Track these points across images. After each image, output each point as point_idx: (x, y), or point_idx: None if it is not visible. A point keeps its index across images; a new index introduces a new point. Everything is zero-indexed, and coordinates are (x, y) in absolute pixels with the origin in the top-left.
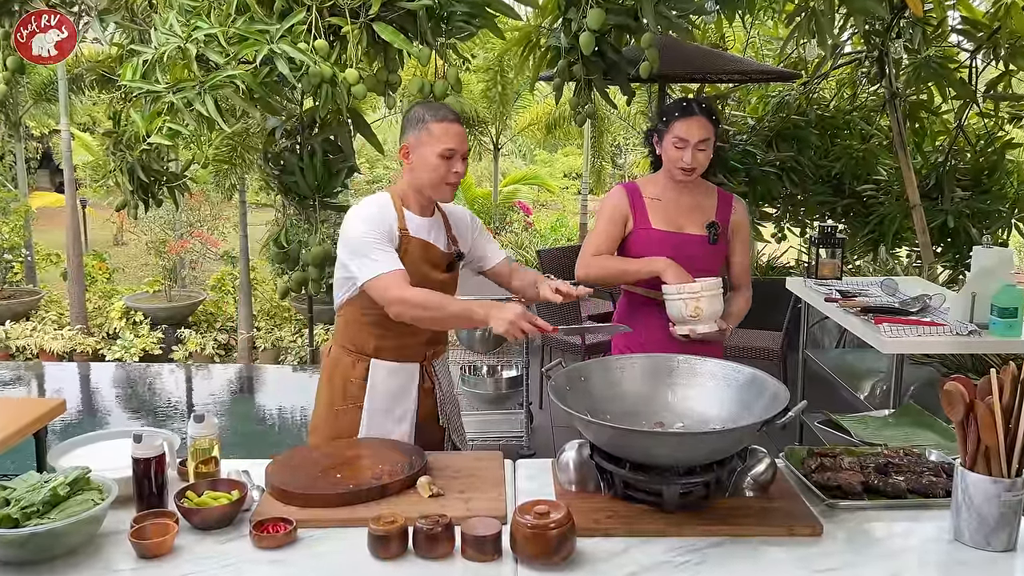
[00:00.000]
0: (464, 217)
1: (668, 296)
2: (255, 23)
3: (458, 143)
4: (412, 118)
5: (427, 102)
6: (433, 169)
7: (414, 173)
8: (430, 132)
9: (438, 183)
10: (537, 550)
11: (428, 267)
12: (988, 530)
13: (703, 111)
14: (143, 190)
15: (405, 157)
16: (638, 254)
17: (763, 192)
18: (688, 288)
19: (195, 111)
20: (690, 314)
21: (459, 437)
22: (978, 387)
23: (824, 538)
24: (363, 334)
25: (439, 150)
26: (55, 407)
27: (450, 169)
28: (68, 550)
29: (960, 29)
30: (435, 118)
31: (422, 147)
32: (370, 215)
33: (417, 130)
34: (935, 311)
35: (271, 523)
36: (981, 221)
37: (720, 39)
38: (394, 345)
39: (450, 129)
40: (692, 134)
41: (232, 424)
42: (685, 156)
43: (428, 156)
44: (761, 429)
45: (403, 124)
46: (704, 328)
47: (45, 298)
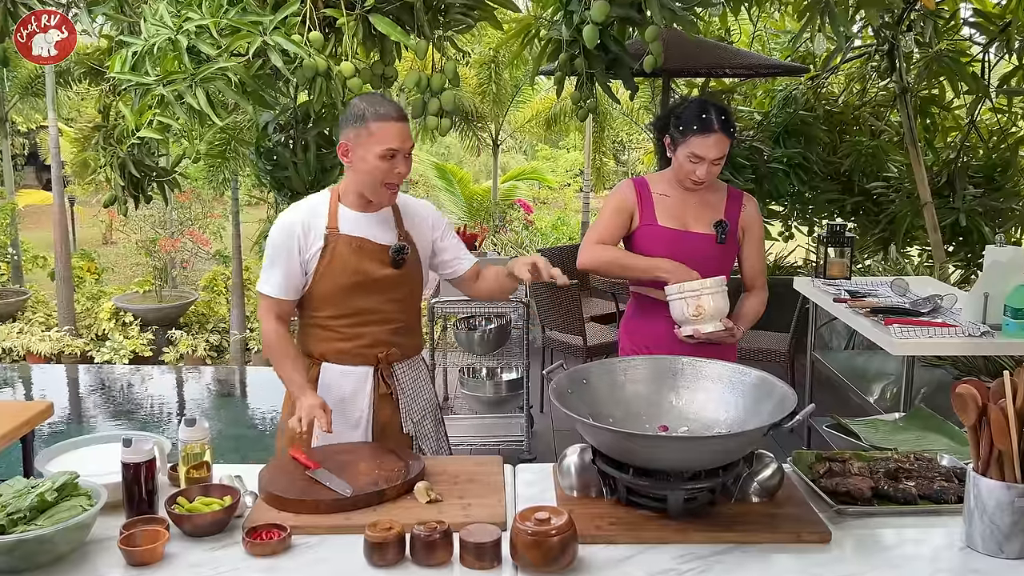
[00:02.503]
0: (422, 212)
1: (669, 296)
2: (248, 14)
3: (400, 142)
4: (351, 114)
5: (368, 95)
6: (372, 170)
7: (354, 174)
8: (369, 131)
9: (377, 185)
10: (538, 558)
11: (366, 263)
12: (1001, 537)
13: (723, 127)
14: (133, 185)
15: (344, 156)
16: (642, 251)
17: (770, 190)
18: (688, 287)
19: (186, 104)
20: (692, 313)
21: (432, 445)
22: (991, 390)
23: (833, 545)
24: (310, 337)
25: (379, 151)
26: (42, 411)
27: (392, 169)
28: (56, 557)
29: (972, 22)
30: (376, 116)
31: (360, 147)
32: (284, 224)
33: (356, 127)
34: (947, 312)
35: (264, 530)
36: (994, 219)
37: (726, 32)
38: (338, 349)
39: (392, 129)
40: (709, 153)
41: (224, 428)
42: (699, 171)
43: (367, 156)
44: (768, 433)
45: (342, 119)
46: (709, 328)
47: (32, 299)
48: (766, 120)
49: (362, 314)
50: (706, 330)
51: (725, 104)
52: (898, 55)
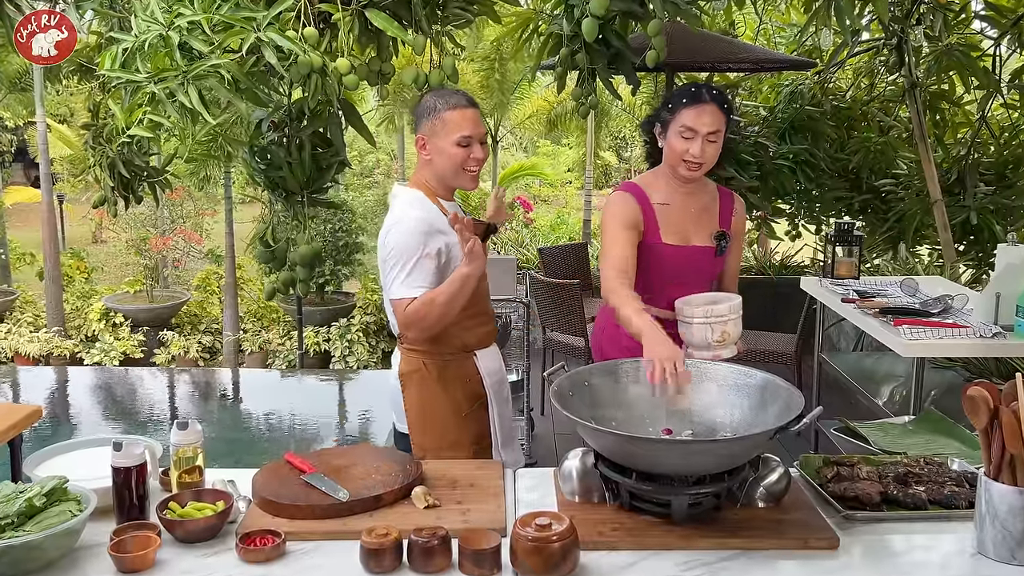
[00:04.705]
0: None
1: (692, 320)
2: (241, 10)
3: (474, 128)
4: (424, 108)
5: (438, 90)
6: (451, 158)
7: (433, 164)
8: (443, 121)
9: (458, 171)
10: (538, 564)
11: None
12: (1013, 543)
13: (715, 98)
14: (123, 186)
15: (422, 149)
16: (644, 267)
17: (776, 187)
18: (716, 312)
19: (178, 102)
20: (716, 339)
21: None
22: (1003, 392)
23: (841, 552)
24: (453, 333)
25: (455, 138)
26: (31, 413)
27: (469, 155)
28: (44, 564)
29: (984, 15)
30: (447, 106)
31: (437, 137)
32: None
33: (430, 120)
34: (957, 312)
35: (258, 536)
36: (1005, 217)
37: (730, 26)
38: (482, 334)
39: (464, 115)
40: (702, 123)
41: (217, 431)
42: (693, 148)
43: (445, 146)
44: (774, 437)
45: (416, 115)
46: (728, 353)
47: (20, 299)
48: (772, 116)
49: (483, 294)
50: (725, 356)
51: (719, 86)
52: (907, 49)
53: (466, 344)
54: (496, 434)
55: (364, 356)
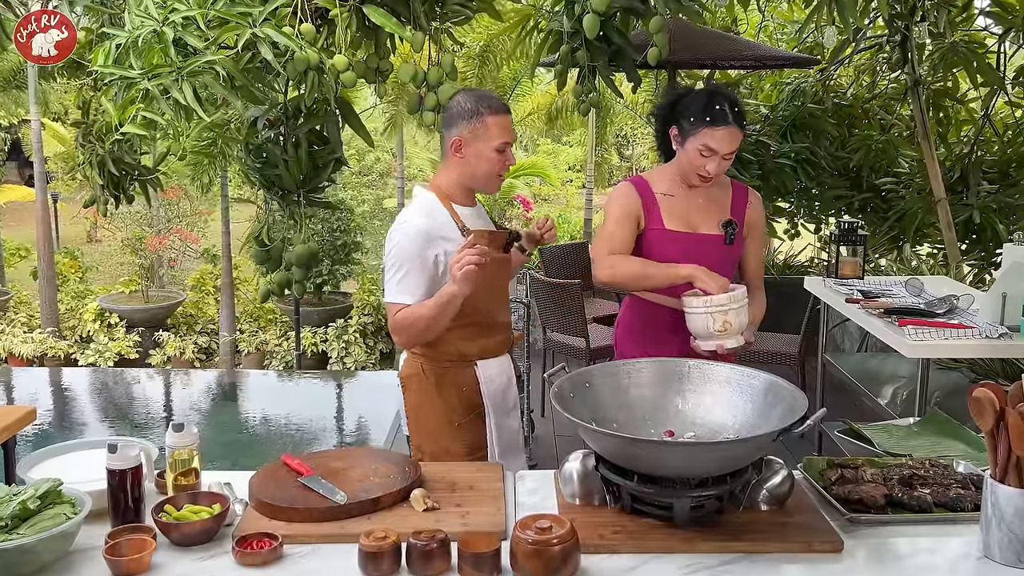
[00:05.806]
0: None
1: (693, 310)
2: (236, 5)
3: (512, 135)
4: (463, 110)
5: (474, 91)
6: (490, 162)
7: (467, 168)
8: (486, 125)
9: (492, 176)
10: (539, 568)
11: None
12: (1020, 546)
13: (735, 118)
14: (113, 184)
15: (457, 151)
16: (649, 257)
17: (777, 186)
18: (716, 301)
19: (172, 99)
20: (718, 329)
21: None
22: (1009, 393)
23: (845, 555)
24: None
25: (496, 144)
26: (24, 415)
27: (504, 161)
28: (38, 568)
29: (988, 11)
30: (490, 110)
31: (478, 142)
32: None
33: (470, 123)
34: (963, 313)
35: (255, 539)
36: (1009, 216)
37: (732, 23)
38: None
39: (505, 122)
40: (723, 146)
41: (213, 434)
42: (710, 165)
43: (485, 151)
44: (778, 439)
45: (450, 115)
46: (732, 343)
47: (14, 299)
48: (773, 114)
49: (488, 306)
50: (729, 345)
51: (735, 95)
52: (910, 46)
53: (464, 353)
54: (493, 446)
55: (362, 357)
